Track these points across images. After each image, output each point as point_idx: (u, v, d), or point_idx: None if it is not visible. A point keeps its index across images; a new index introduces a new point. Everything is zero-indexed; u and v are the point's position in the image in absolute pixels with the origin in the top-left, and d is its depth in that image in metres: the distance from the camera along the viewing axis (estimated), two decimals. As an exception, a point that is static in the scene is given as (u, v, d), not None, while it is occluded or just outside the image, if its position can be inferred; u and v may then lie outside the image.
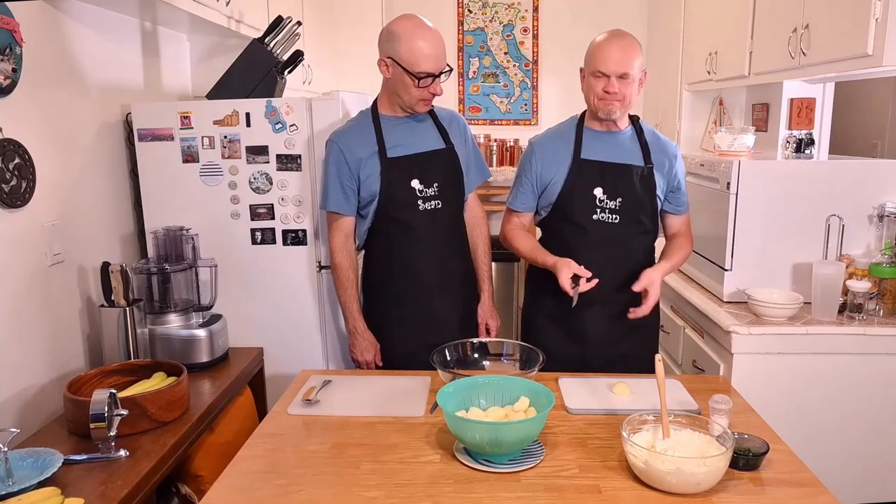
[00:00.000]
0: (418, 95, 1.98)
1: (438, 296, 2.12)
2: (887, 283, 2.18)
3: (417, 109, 2.04)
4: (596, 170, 1.99)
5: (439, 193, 2.08)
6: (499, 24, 4.67)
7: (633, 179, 1.99)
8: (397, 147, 2.04)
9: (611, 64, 1.89)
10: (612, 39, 1.92)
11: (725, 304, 2.35)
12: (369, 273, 2.16)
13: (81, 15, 2.10)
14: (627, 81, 1.91)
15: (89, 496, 1.40)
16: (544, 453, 1.49)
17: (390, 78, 1.99)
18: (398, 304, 2.12)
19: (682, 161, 2.10)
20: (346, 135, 2.05)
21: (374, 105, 2.10)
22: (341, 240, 2.09)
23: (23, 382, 1.80)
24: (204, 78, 2.77)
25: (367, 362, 2.13)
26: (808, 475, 1.42)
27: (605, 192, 1.98)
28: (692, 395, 1.78)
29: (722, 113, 3.68)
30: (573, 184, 1.99)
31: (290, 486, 1.40)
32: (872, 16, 1.98)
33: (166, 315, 2.10)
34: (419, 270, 2.09)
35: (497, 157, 4.58)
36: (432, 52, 1.93)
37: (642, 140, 2.03)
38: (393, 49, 1.94)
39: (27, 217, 1.82)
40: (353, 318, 2.12)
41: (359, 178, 2.03)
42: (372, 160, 2.02)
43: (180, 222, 2.26)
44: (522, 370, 1.87)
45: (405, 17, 1.99)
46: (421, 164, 2.06)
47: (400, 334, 2.13)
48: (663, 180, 2.03)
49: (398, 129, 2.06)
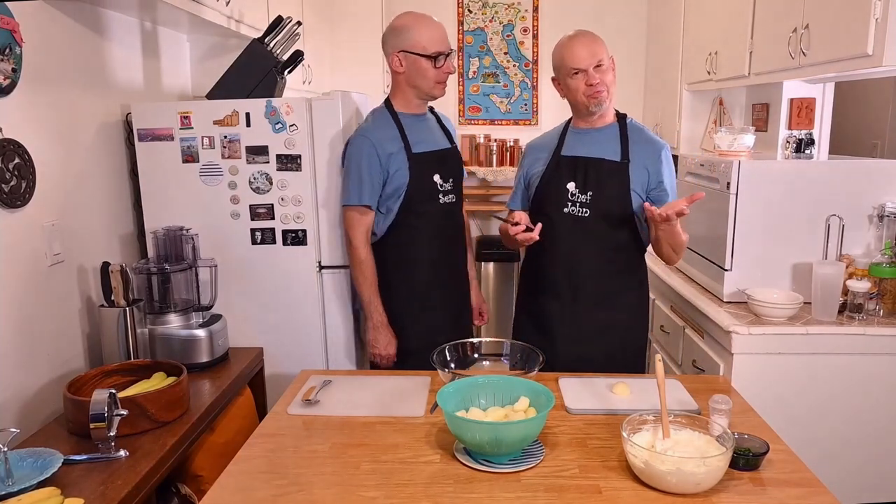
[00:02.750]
0: (435, 78, 2.11)
1: (446, 283, 2.25)
2: (887, 283, 2.18)
3: (436, 94, 2.16)
4: (571, 165, 2.02)
5: (454, 188, 2.23)
6: (499, 24, 4.68)
7: (606, 173, 1.98)
8: (419, 143, 2.15)
9: (583, 58, 1.94)
10: (574, 38, 1.98)
11: (725, 304, 2.35)
12: (385, 265, 2.20)
13: (81, 15, 2.10)
14: (603, 69, 1.96)
15: (89, 496, 1.40)
16: (544, 453, 1.49)
17: (404, 71, 2.11)
18: (412, 293, 2.20)
19: (670, 161, 2.06)
20: (376, 131, 2.13)
21: (389, 105, 2.18)
22: (365, 234, 2.16)
23: (23, 382, 1.80)
24: (204, 78, 2.77)
25: (389, 357, 2.18)
26: (808, 475, 1.42)
27: (577, 186, 2.00)
28: (692, 395, 1.78)
29: (722, 113, 3.68)
30: (549, 178, 2.04)
31: (290, 486, 1.40)
32: (872, 16, 1.98)
33: (166, 315, 2.10)
34: (434, 261, 2.20)
35: (497, 157, 4.57)
36: (438, 33, 2.10)
37: (623, 135, 2.03)
38: (402, 42, 2.08)
39: (27, 217, 1.82)
40: (377, 311, 2.17)
41: (388, 171, 2.10)
42: (400, 155, 2.11)
43: (180, 222, 2.26)
44: (522, 370, 1.87)
45: (403, 14, 2.13)
46: (440, 159, 2.20)
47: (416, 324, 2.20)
48: (644, 176, 2.00)
49: (417, 126, 2.18)
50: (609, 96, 1.99)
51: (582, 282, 2.01)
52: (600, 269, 2.01)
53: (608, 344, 2.04)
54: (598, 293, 2.02)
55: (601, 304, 2.02)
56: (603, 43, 1.98)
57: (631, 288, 2.08)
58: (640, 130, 2.07)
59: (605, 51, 1.97)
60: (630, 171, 1.98)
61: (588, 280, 2.01)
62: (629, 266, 2.06)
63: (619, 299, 2.05)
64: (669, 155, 2.06)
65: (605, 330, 2.03)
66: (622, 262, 2.03)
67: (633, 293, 2.09)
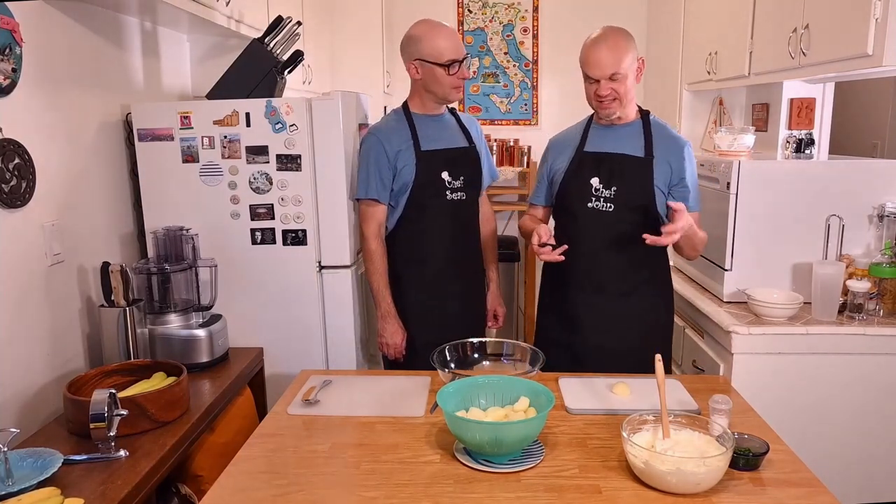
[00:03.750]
0: (450, 84, 2.18)
1: (458, 280, 2.30)
2: (887, 283, 2.18)
3: (451, 98, 2.23)
4: (594, 160, 2.03)
5: (464, 186, 2.27)
6: (499, 24, 4.67)
7: (630, 169, 1.99)
8: (429, 142, 2.22)
9: (597, 68, 1.94)
10: (598, 41, 1.95)
11: (725, 304, 2.35)
12: (395, 258, 2.27)
13: (81, 15, 2.10)
14: (619, 80, 1.94)
15: (89, 496, 1.40)
16: (544, 453, 1.49)
17: (421, 78, 2.20)
18: (422, 287, 2.25)
19: (692, 158, 2.06)
20: (386, 129, 2.23)
21: (406, 106, 2.28)
22: (375, 228, 2.23)
23: (23, 382, 1.79)
24: (204, 78, 2.77)
25: (395, 346, 2.24)
26: (808, 475, 1.42)
27: (602, 182, 2.01)
28: (692, 395, 1.78)
29: (722, 113, 3.68)
30: (573, 174, 2.05)
31: (290, 486, 1.40)
32: (872, 16, 1.98)
33: (166, 315, 2.10)
34: (444, 256, 2.26)
35: (497, 157, 4.57)
36: (451, 42, 2.17)
37: (647, 131, 2.03)
38: (417, 51, 2.17)
39: (27, 217, 1.82)
40: (385, 301, 2.24)
41: (395, 167, 2.18)
42: (408, 152, 2.19)
43: (180, 222, 2.26)
44: (522, 370, 1.87)
45: (418, 22, 2.22)
46: (450, 158, 2.25)
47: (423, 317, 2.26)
48: (667, 172, 2.01)
49: (429, 126, 2.25)
50: (622, 105, 1.99)
51: (606, 275, 2.03)
52: (624, 263, 2.02)
53: (633, 336, 2.05)
54: (622, 286, 2.03)
55: (625, 296, 2.03)
56: (627, 48, 1.93)
57: (654, 280, 2.08)
58: (662, 127, 2.07)
59: (628, 56, 1.93)
60: (654, 167, 1.99)
61: (612, 274, 2.03)
62: (653, 259, 2.05)
63: (644, 291, 2.05)
64: (692, 152, 2.07)
65: (630, 322, 2.04)
66: (645, 255, 2.01)
67: (656, 285, 2.09)
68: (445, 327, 2.19)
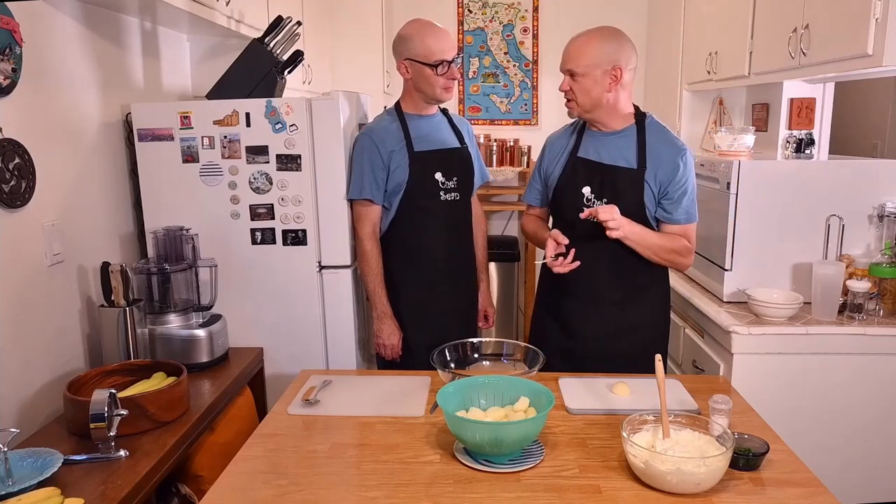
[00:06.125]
0: (440, 84, 2.18)
1: (452, 280, 2.31)
2: (887, 283, 2.18)
3: (442, 98, 2.23)
4: (587, 169, 2.00)
5: (458, 187, 2.28)
6: (499, 24, 4.67)
7: (620, 181, 1.95)
8: (422, 142, 2.22)
9: (562, 59, 1.95)
10: (577, 35, 1.96)
11: (725, 304, 2.35)
12: (390, 259, 2.27)
13: (81, 15, 2.10)
14: (576, 79, 1.91)
15: (89, 496, 1.40)
16: (544, 453, 1.49)
17: (411, 77, 2.20)
18: (417, 288, 2.26)
19: (691, 166, 1.97)
20: (379, 129, 2.23)
21: (398, 106, 2.28)
22: (370, 228, 2.24)
23: (23, 382, 1.79)
24: (204, 78, 2.77)
25: (392, 347, 2.24)
26: (808, 475, 1.42)
27: (593, 192, 1.99)
28: (692, 395, 1.78)
29: (722, 113, 3.68)
30: (566, 180, 2.04)
31: (290, 486, 1.40)
32: (872, 16, 1.98)
33: (166, 315, 2.10)
34: (438, 257, 2.27)
35: (497, 157, 4.57)
36: (442, 42, 2.16)
37: (641, 141, 1.96)
38: (408, 50, 2.17)
39: (27, 217, 1.82)
40: (381, 302, 2.24)
41: (388, 168, 2.18)
42: (401, 153, 2.19)
43: (180, 222, 2.26)
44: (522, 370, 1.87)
45: (409, 22, 2.21)
46: (443, 158, 2.26)
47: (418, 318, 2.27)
48: (659, 182, 1.94)
49: (422, 126, 2.25)
50: (579, 108, 1.95)
51: (601, 284, 2.00)
52: (618, 272, 1.99)
53: (630, 344, 2.03)
54: (618, 295, 2.01)
55: (621, 305, 2.01)
56: (597, 49, 1.88)
57: (650, 289, 2.06)
58: (660, 132, 1.98)
59: (592, 57, 1.87)
60: (645, 178, 1.93)
61: (606, 282, 2.00)
62: (647, 268, 2.01)
63: (639, 300, 2.03)
64: (691, 159, 1.97)
65: (626, 330, 2.03)
66: (640, 264, 1.99)
67: (653, 293, 2.06)
68: (441, 328, 2.19)
